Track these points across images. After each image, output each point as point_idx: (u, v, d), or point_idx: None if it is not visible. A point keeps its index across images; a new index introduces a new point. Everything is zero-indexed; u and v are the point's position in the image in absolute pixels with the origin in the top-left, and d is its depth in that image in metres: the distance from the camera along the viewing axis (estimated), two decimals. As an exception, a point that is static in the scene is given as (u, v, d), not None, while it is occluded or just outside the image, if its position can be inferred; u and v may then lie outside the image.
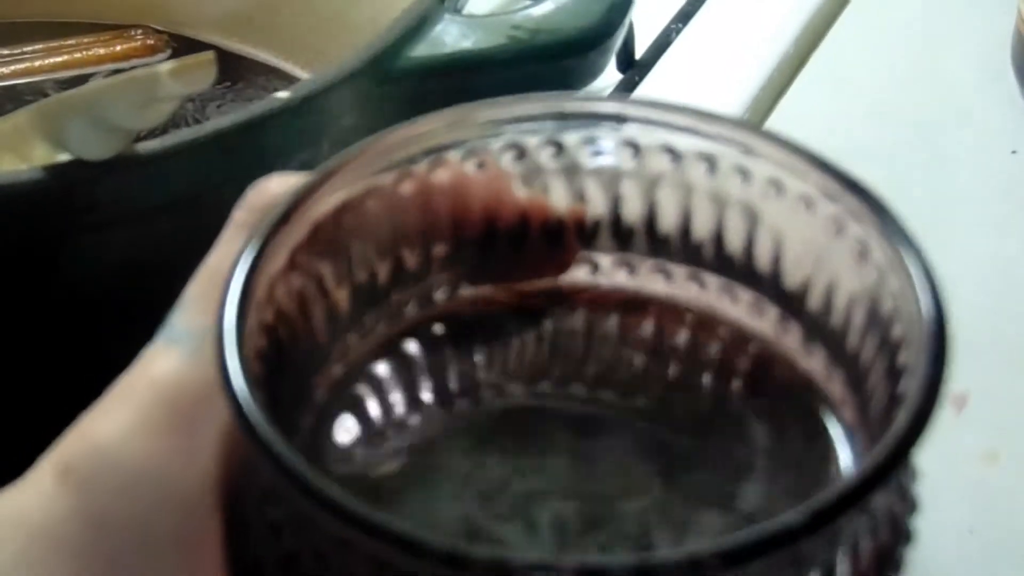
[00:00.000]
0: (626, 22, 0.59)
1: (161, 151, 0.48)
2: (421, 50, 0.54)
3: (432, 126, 0.32)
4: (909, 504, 0.29)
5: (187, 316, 0.31)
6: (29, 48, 0.69)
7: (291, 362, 0.30)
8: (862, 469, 0.25)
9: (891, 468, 0.25)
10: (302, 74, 0.68)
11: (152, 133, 0.49)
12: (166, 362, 0.30)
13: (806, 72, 0.73)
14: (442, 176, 0.32)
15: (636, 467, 0.30)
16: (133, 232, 0.49)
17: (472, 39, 0.55)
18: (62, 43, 0.69)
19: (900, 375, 0.28)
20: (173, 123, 0.55)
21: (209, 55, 0.45)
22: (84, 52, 0.69)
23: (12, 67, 0.68)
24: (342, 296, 0.31)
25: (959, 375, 0.52)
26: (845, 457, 0.30)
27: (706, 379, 0.32)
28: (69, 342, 0.50)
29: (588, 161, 0.33)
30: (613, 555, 0.26)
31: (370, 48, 0.53)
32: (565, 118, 0.32)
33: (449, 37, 0.55)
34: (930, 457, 0.29)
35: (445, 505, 0.29)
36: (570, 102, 0.33)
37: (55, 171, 0.47)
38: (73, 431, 0.30)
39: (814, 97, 0.70)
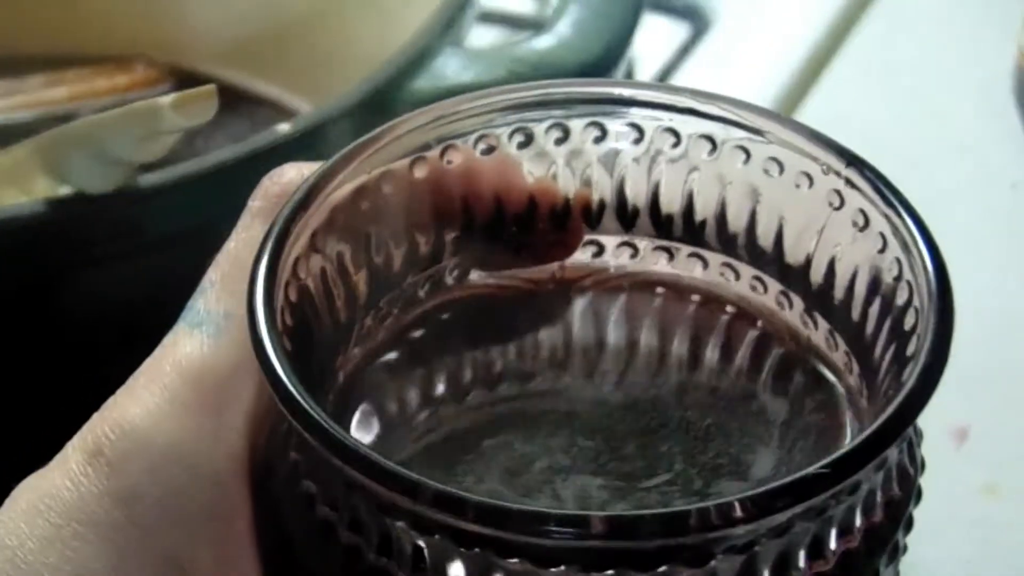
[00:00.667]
0: (627, 56, 0.59)
1: (162, 184, 0.48)
2: (422, 83, 0.54)
3: (443, 112, 0.33)
4: (918, 464, 0.29)
5: (209, 299, 0.31)
6: (30, 80, 0.69)
7: (314, 344, 0.30)
8: (878, 423, 0.26)
9: (906, 422, 0.26)
10: (303, 107, 0.68)
11: (152, 166, 0.50)
12: (190, 345, 0.31)
13: (804, 108, 0.73)
14: (453, 161, 0.33)
15: (652, 444, 0.31)
16: (134, 265, 0.49)
17: (473, 72, 0.55)
18: (63, 75, 0.69)
19: (907, 337, 0.28)
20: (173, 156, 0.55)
21: (210, 88, 0.45)
22: (85, 84, 0.69)
23: (12, 99, 0.68)
24: (360, 279, 0.32)
25: (960, 409, 0.52)
26: (853, 425, 0.31)
27: (714, 356, 0.33)
28: (68, 374, 0.50)
29: (593, 145, 0.34)
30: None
31: (371, 81, 0.53)
32: (571, 103, 0.33)
33: (450, 70, 0.55)
34: (930, 489, 0.29)
35: (470, 481, 0.30)
36: (575, 87, 0.34)
37: (56, 204, 0.47)
38: (100, 415, 0.30)
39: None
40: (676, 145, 0.33)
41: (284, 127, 0.51)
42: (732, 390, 0.32)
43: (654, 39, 0.74)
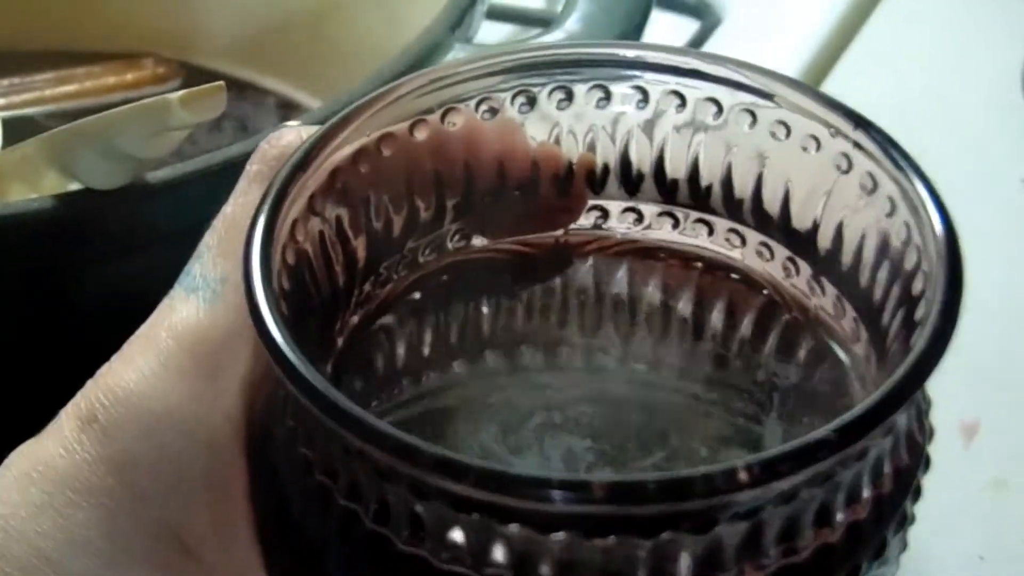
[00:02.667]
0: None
1: (171, 180, 0.48)
2: (430, 79, 0.54)
3: (445, 74, 0.32)
4: (926, 432, 0.29)
5: (206, 264, 0.31)
6: (39, 77, 0.69)
7: (311, 308, 0.30)
8: (886, 388, 0.25)
9: (914, 386, 0.25)
10: (312, 102, 0.68)
11: (160, 162, 0.50)
12: (186, 310, 0.30)
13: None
14: (455, 124, 0.32)
15: (655, 411, 0.31)
16: (142, 260, 0.49)
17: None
18: (72, 72, 0.70)
19: (915, 302, 0.28)
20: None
21: (219, 84, 0.45)
22: (94, 81, 0.69)
23: (22, 96, 0.69)
24: (359, 244, 0.32)
25: (969, 404, 0.52)
26: (861, 394, 0.30)
27: (718, 323, 0.33)
28: (76, 369, 0.50)
29: (597, 108, 0.33)
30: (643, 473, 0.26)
31: (380, 76, 0.53)
32: (575, 65, 0.33)
33: (459, 66, 0.55)
34: (940, 484, 0.29)
35: (468, 442, 0.30)
36: (579, 49, 0.33)
37: (65, 200, 0.47)
38: (94, 381, 0.30)
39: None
40: (681, 108, 0.33)
41: (293, 123, 0.51)
42: (738, 358, 0.32)
43: (663, 36, 0.74)
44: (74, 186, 0.47)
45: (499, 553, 0.25)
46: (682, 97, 0.32)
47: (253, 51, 0.70)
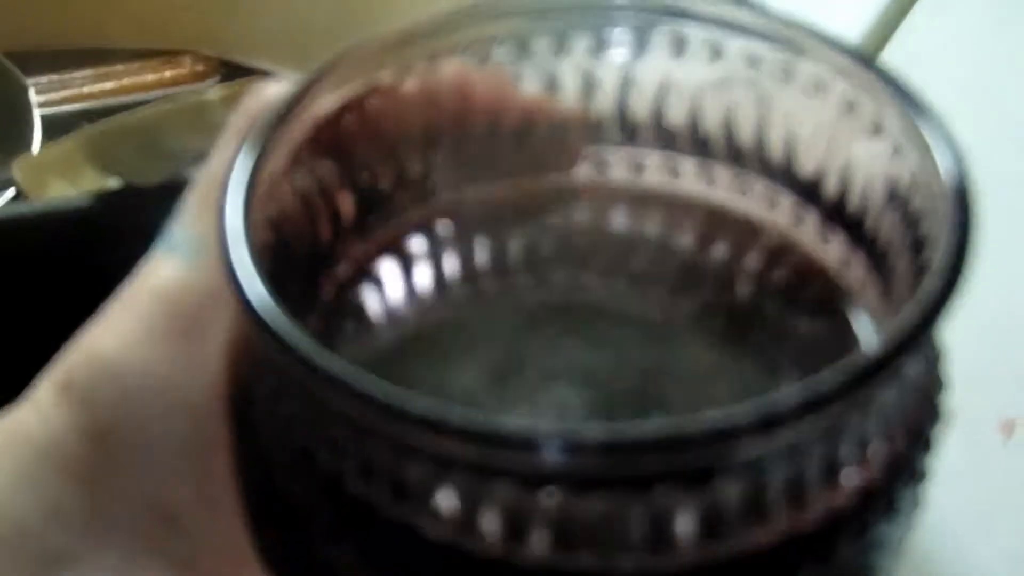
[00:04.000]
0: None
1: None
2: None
3: (435, 23, 0.31)
4: (938, 382, 0.27)
5: (186, 224, 0.29)
6: (78, 74, 0.70)
7: (295, 262, 0.28)
8: (893, 332, 0.24)
9: (922, 330, 0.24)
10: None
11: (199, 159, 0.50)
12: (166, 270, 0.29)
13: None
14: (444, 74, 0.31)
15: (653, 361, 0.30)
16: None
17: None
18: (110, 69, 0.70)
19: (923, 247, 0.27)
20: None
21: (259, 81, 0.45)
22: (133, 78, 0.69)
23: (61, 93, 0.69)
24: (345, 196, 0.30)
25: (1008, 402, 0.52)
26: (868, 343, 0.29)
27: (720, 272, 0.31)
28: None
29: (592, 56, 0.32)
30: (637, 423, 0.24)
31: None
32: (569, 10, 0.32)
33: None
34: (979, 482, 0.29)
35: (456, 393, 0.28)
36: None
37: (104, 196, 0.47)
38: (72, 346, 0.28)
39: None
40: (680, 53, 0.31)
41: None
42: (743, 309, 0.31)
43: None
44: (113, 182, 0.47)
45: (487, 512, 0.24)
46: (681, 42, 0.31)
47: (292, 48, 0.70)
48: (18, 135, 0.61)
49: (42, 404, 0.28)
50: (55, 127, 0.64)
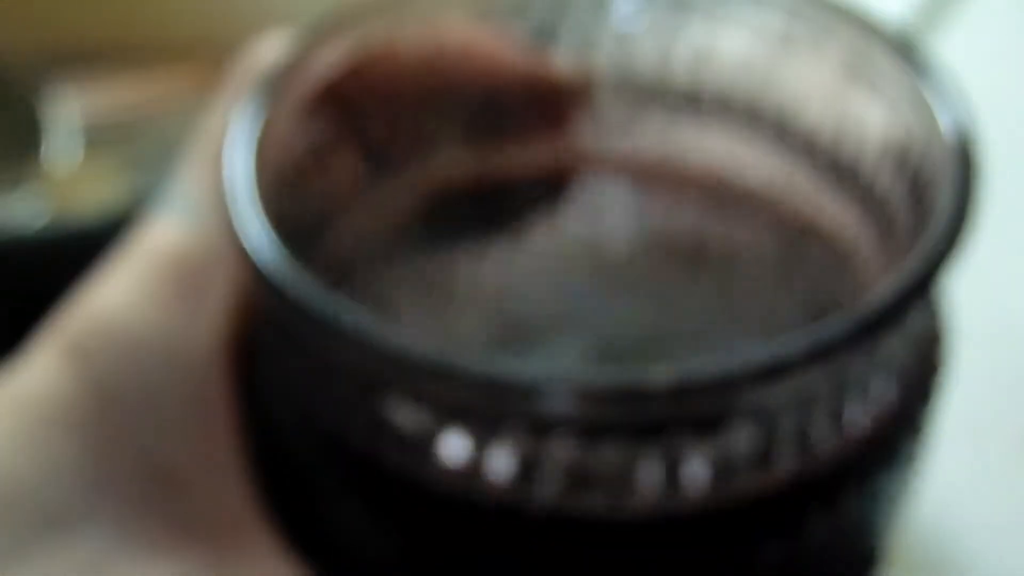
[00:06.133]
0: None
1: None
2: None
3: None
4: (936, 335, 0.28)
5: (184, 184, 0.30)
6: (99, 81, 0.70)
7: (295, 224, 0.28)
8: (898, 281, 0.24)
9: (928, 279, 0.24)
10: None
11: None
12: (165, 231, 0.29)
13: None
14: (444, 36, 0.31)
15: (653, 326, 0.30)
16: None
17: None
18: (132, 75, 0.70)
19: (924, 200, 0.27)
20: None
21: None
22: (155, 85, 0.69)
23: (81, 100, 0.69)
24: (349, 153, 0.31)
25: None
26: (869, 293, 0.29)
27: (721, 232, 0.32)
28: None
29: (593, 15, 0.32)
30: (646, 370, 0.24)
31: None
32: None
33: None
34: (1002, 495, 0.28)
35: (461, 342, 0.29)
36: None
37: (138, 207, 0.47)
38: (72, 308, 0.29)
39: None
40: (680, 15, 0.32)
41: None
42: (743, 268, 0.31)
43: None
44: (135, 190, 0.47)
45: (496, 461, 0.24)
46: (681, 3, 0.32)
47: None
48: (34, 147, 0.61)
49: (41, 364, 0.28)
50: (77, 136, 0.64)
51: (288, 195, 0.28)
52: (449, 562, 0.26)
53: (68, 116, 0.69)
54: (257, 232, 0.25)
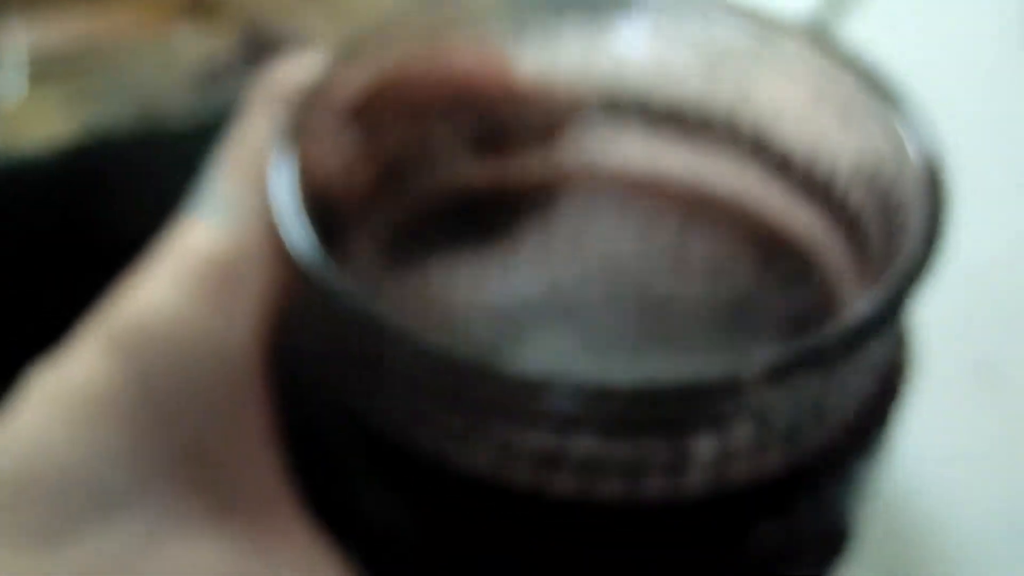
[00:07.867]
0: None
1: (189, 126, 0.48)
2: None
3: (448, 12, 0.33)
4: (905, 340, 0.30)
5: (220, 187, 0.31)
6: (49, 14, 0.69)
7: (332, 225, 0.30)
8: (882, 294, 0.26)
9: (907, 294, 0.26)
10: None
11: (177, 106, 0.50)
12: (202, 232, 0.30)
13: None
14: (450, 58, 0.33)
15: (636, 318, 0.32)
16: (156, 200, 0.49)
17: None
18: (84, 8, 0.69)
19: (896, 218, 0.29)
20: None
21: (231, 23, 0.45)
22: (104, 18, 0.69)
23: (32, 34, 0.68)
24: (367, 168, 0.32)
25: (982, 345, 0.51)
26: (841, 309, 0.31)
27: (703, 251, 0.33)
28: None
29: (587, 36, 0.34)
30: (646, 373, 0.27)
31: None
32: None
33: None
34: (954, 425, 0.29)
35: (474, 333, 0.30)
36: None
37: (83, 145, 0.47)
38: (112, 306, 0.30)
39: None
40: (666, 36, 0.33)
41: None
42: (722, 284, 0.32)
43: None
44: (86, 125, 0.47)
45: (521, 453, 0.26)
46: (667, 29, 0.33)
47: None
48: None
49: (86, 359, 0.30)
50: (25, 70, 0.64)
51: (319, 205, 0.29)
52: (475, 545, 0.28)
53: (14, 49, 0.69)
54: (302, 237, 0.27)
